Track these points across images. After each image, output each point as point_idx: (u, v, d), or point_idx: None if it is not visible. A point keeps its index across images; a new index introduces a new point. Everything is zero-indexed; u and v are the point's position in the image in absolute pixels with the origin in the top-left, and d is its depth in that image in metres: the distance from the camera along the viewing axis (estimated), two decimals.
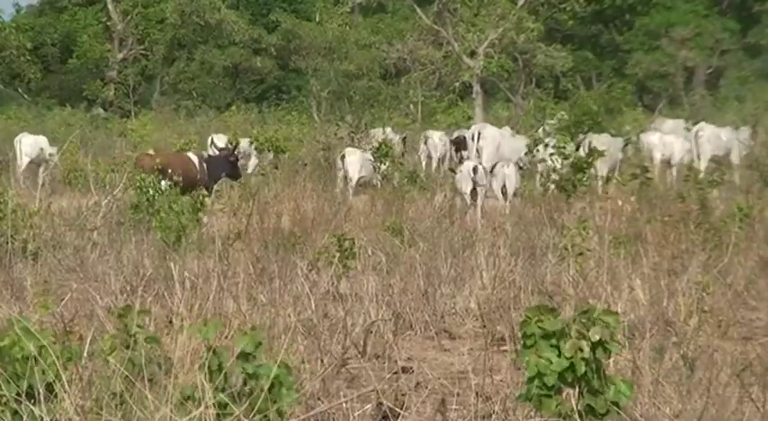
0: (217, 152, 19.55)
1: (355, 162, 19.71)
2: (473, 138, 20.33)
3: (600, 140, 20.40)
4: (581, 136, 21.78)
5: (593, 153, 16.92)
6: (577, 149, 20.31)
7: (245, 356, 5.15)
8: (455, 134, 25.25)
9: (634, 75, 44.12)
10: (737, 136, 22.48)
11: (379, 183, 19.85)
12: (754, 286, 9.68)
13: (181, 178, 15.95)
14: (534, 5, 31.62)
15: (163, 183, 15.45)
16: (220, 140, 22.74)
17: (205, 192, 15.98)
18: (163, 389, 5.12)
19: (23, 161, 21.91)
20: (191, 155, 18.29)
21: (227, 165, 18.21)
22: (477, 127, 21.51)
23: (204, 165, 17.79)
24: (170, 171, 16.06)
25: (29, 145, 22.44)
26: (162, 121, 34.80)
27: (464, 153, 22.80)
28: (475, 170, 16.90)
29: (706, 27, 44.41)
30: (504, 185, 17.21)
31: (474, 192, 16.68)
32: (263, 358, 5.17)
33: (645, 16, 46.81)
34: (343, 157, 20.10)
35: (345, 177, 19.72)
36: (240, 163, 19.47)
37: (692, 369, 6.33)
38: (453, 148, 23.82)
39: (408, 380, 6.74)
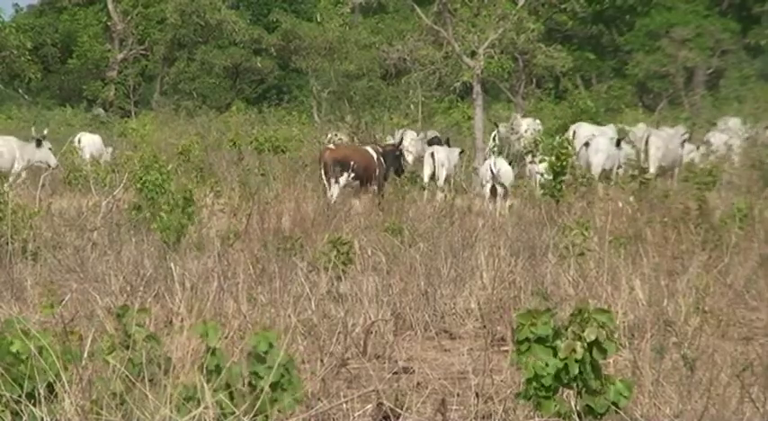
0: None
1: (444, 159, 19.86)
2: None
3: (659, 135, 20.41)
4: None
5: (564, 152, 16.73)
6: (618, 144, 20.27)
7: (257, 357, 5.15)
8: (430, 135, 25.24)
9: (634, 75, 44.13)
10: None
11: (453, 180, 20.21)
12: (754, 286, 9.67)
13: (361, 171, 16.87)
14: (534, 6, 31.57)
15: (343, 176, 15.89)
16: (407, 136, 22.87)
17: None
18: (163, 390, 5.12)
19: (86, 160, 22.29)
20: (368, 148, 18.49)
21: (395, 160, 18.41)
22: (574, 127, 21.62)
23: (382, 158, 18.04)
24: (352, 163, 16.74)
25: (89, 144, 22.95)
26: (162, 122, 34.78)
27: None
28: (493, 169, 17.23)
29: (706, 27, 44.40)
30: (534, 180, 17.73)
31: (494, 190, 16.97)
32: (274, 359, 5.17)
33: (645, 17, 46.81)
34: (432, 155, 20.26)
35: (433, 174, 19.90)
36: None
37: (693, 369, 6.33)
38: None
39: (408, 381, 6.74)
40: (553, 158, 16.25)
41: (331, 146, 18.43)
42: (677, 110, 37.54)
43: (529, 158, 20.90)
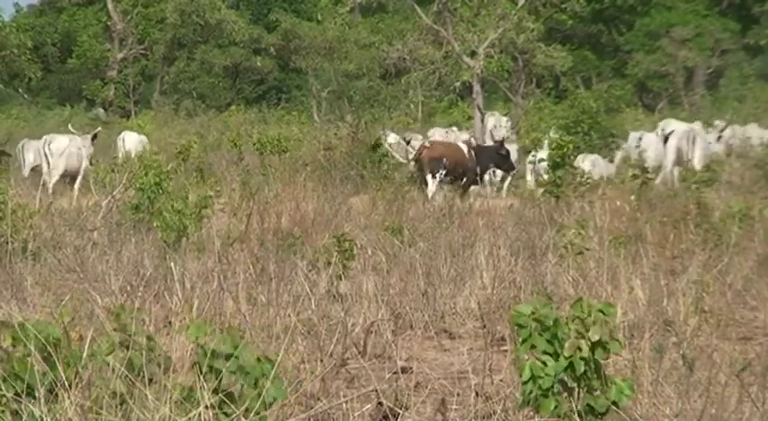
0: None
1: (588, 166, 20.03)
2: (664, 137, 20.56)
3: (703, 136, 20.48)
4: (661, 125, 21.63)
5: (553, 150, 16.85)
6: (665, 142, 20.35)
7: (226, 357, 5.16)
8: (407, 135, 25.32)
9: (634, 75, 44.15)
10: None
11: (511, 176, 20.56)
12: (753, 286, 9.66)
13: (453, 168, 17.76)
14: (534, 5, 31.60)
15: (439, 173, 16.35)
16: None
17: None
18: (162, 389, 5.13)
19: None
20: (461, 145, 19.28)
21: (496, 157, 19.03)
22: (662, 123, 21.67)
23: (473, 154, 18.61)
24: (445, 160, 17.55)
25: (132, 143, 23.08)
26: (162, 121, 34.81)
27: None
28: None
29: (706, 27, 44.43)
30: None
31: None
32: (248, 357, 5.18)
33: (645, 16, 46.84)
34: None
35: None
36: None
37: (692, 369, 6.33)
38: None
39: (408, 380, 6.74)
40: (553, 149, 16.28)
41: (427, 143, 19.12)
42: (677, 109, 37.56)
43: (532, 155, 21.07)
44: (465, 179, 18.06)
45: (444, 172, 17.80)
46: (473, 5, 29.76)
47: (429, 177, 17.82)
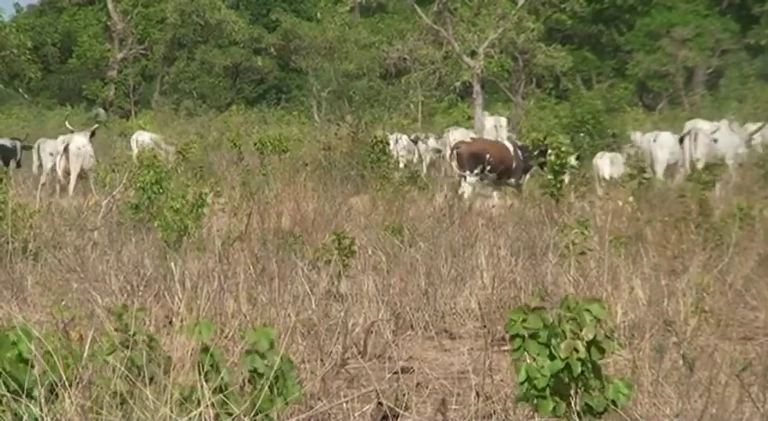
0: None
1: (607, 163, 20.05)
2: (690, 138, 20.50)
3: (706, 134, 20.49)
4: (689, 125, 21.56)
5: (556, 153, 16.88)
6: (681, 141, 20.36)
7: (254, 353, 5.16)
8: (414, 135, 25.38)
9: (634, 75, 44.15)
10: None
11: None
12: (753, 286, 9.66)
13: (497, 165, 17.74)
14: (534, 5, 31.62)
15: (478, 169, 16.39)
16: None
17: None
18: (163, 389, 5.13)
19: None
20: (506, 143, 19.19)
21: (540, 156, 18.88)
22: (690, 123, 21.64)
23: (519, 152, 18.59)
24: (488, 156, 17.59)
25: (145, 143, 23.14)
26: (162, 121, 34.79)
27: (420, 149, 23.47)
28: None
29: (706, 27, 44.43)
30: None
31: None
32: (273, 355, 5.19)
33: (645, 16, 46.84)
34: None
35: (598, 178, 20.25)
36: None
37: (692, 369, 6.33)
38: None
39: (408, 380, 6.74)
40: (552, 157, 16.27)
41: (467, 140, 19.07)
42: (677, 109, 37.56)
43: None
44: (511, 178, 17.89)
45: (489, 168, 17.63)
46: (473, 5, 29.79)
47: (467, 173, 17.72)
